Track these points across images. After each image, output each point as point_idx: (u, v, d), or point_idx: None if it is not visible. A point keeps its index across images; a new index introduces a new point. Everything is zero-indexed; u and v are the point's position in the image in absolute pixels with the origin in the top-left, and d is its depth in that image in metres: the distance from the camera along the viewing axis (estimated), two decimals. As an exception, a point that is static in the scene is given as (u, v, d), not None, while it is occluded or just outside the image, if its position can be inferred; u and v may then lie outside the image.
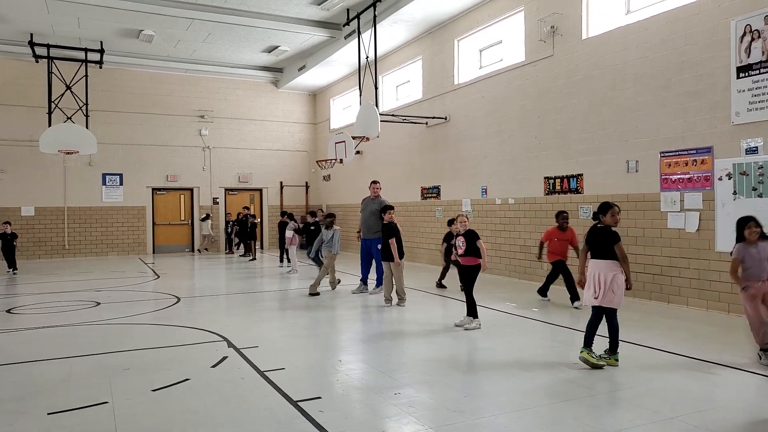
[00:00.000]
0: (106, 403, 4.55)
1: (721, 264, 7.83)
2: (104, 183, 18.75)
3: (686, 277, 8.34)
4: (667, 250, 8.63)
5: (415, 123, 14.27)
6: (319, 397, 4.63)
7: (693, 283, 8.29)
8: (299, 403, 4.48)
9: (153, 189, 19.56)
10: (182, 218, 20.02)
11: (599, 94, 9.72)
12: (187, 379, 5.15)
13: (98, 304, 9.40)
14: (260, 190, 21.11)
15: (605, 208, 5.52)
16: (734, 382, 4.90)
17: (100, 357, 6.00)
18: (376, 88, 13.42)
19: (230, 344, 6.47)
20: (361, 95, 13.99)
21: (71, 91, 16.41)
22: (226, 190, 20.56)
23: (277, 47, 16.90)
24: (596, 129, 9.79)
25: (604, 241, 5.46)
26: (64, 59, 16.48)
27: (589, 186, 9.95)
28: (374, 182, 10.59)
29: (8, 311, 8.86)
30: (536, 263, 11.06)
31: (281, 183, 21.08)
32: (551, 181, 10.75)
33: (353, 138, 13.42)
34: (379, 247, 9.30)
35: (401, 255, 8.81)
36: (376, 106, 12.95)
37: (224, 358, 5.88)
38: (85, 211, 18.43)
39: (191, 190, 20.10)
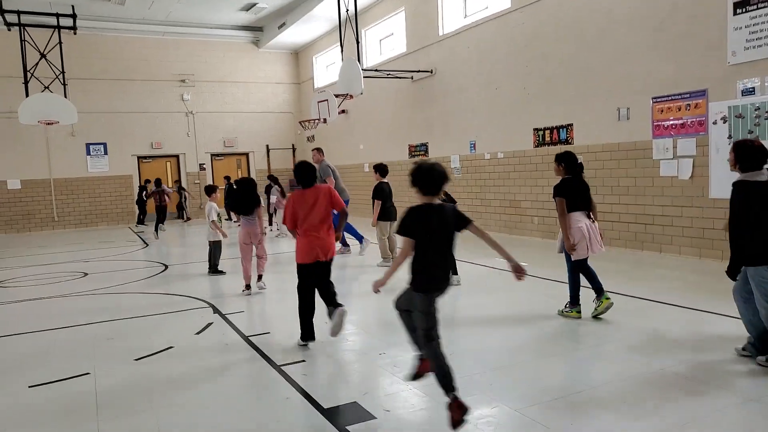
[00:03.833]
0: (87, 374, 4.44)
1: (715, 211, 7.71)
2: (89, 153, 18.35)
3: (679, 226, 8.23)
4: (659, 199, 8.49)
5: (400, 78, 13.89)
6: (303, 361, 4.53)
7: (686, 231, 8.18)
8: (283, 368, 4.38)
9: (138, 157, 19.20)
10: (170, 186, 19.68)
11: (588, 40, 9.39)
12: (170, 347, 5.04)
13: (86, 274, 9.26)
14: (246, 155, 20.74)
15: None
16: (726, 330, 4.83)
17: (84, 328, 5.88)
18: (357, 43, 13.00)
19: (216, 310, 6.36)
20: (342, 51, 13.55)
21: (46, 60, 15.82)
22: (212, 155, 20.19)
23: (255, 4, 16.29)
24: (586, 76, 9.50)
25: (586, 192, 5.25)
26: (36, 26, 15.82)
27: (579, 136, 9.73)
28: (313, 150, 10.34)
29: (-7, 285, 8.72)
30: (528, 219, 10.95)
31: (267, 146, 20.71)
32: (540, 132, 10.51)
33: (336, 96, 13.05)
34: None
35: (385, 217, 8.58)
36: (359, 61, 12.55)
37: (209, 324, 5.77)
38: (71, 182, 18.10)
39: (177, 156, 19.74)
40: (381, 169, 8.94)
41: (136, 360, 4.74)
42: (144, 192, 17.10)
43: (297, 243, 4.91)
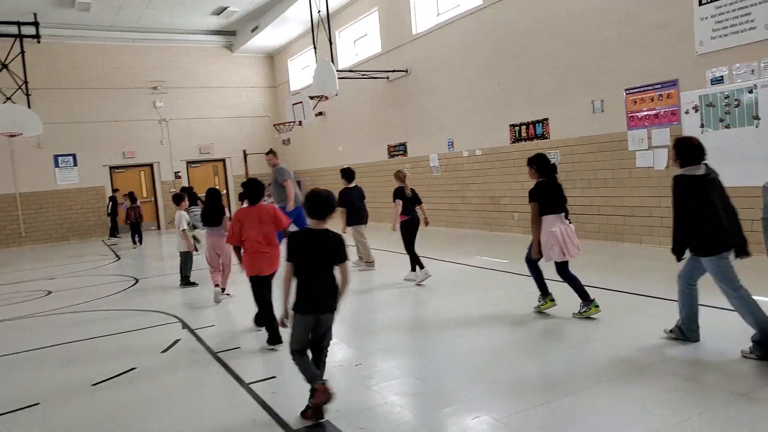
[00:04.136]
0: (37, 404, 4.14)
1: (692, 200, 7.62)
2: (57, 165, 17.84)
3: (658, 216, 8.14)
4: (637, 191, 8.40)
5: (376, 78, 13.68)
6: (274, 377, 4.29)
7: (665, 221, 8.07)
8: (252, 385, 4.14)
9: (111, 167, 18.72)
10: (144, 195, 19.24)
11: (560, 33, 9.28)
12: (133, 369, 4.76)
13: (49, 293, 8.88)
14: (223, 161, 20.39)
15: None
16: (710, 321, 4.69)
17: (42, 352, 5.56)
18: (330, 44, 12.77)
19: (185, 325, 6.08)
20: (316, 52, 13.31)
21: (8, 70, 15.33)
22: (188, 163, 19.80)
23: (226, 8, 15.97)
24: (559, 70, 9.39)
25: (560, 194, 5.13)
26: (-5, 35, 15.34)
27: (555, 130, 9.61)
28: (270, 152, 9.60)
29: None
30: (508, 215, 10.81)
31: (244, 152, 20.36)
32: (517, 128, 10.38)
33: (311, 98, 12.81)
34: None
35: (353, 222, 8.36)
36: (333, 62, 12.32)
37: (176, 341, 5.50)
38: (39, 196, 17.56)
39: (151, 165, 19.30)
40: (347, 174, 8.59)
41: (93, 385, 4.45)
42: (112, 203, 16.61)
43: (243, 258, 5.16)
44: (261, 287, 5.15)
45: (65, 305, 7.72)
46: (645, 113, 8.18)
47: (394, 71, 13.28)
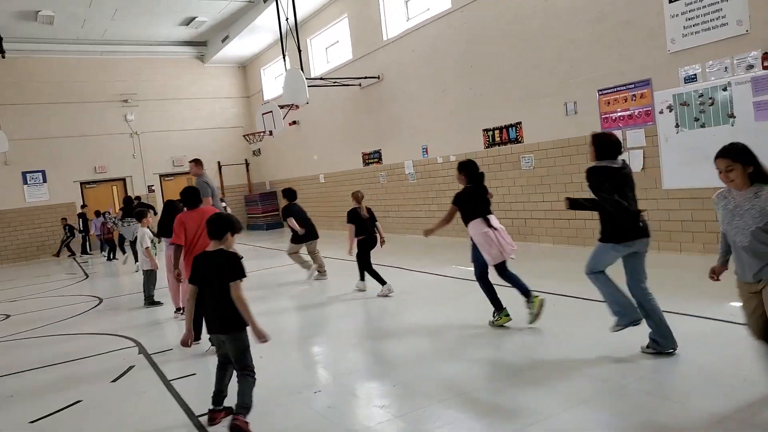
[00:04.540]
0: (-33, 447, 3.80)
1: (670, 202, 7.46)
2: (25, 182, 17.33)
3: (634, 220, 7.95)
4: (613, 193, 8.21)
5: (348, 85, 13.43)
6: (229, 409, 3.97)
7: (642, 224, 7.91)
8: (201, 418, 3.83)
9: (81, 183, 18.23)
10: (117, 210, 18.74)
11: (531, 35, 9.11)
12: (78, 401, 4.42)
13: (8, 317, 8.46)
14: (198, 173, 19.94)
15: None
16: (683, 331, 4.47)
17: (-12, 383, 5.19)
18: (299, 51, 12.51)
19: (141, 350, 5.74)
20: (285, 61, 13.04)
21: (-30, 86, 14.86)
22: (161, 176, 19.36)
23: (194, 18, 15.64)
24: (531, 72, 9.21)
25: (486, 198, 5.27)
26: (-44, 50, 14.86)
27: (529, 134, 9.43)
28: (193, 162, 8.50)
29: None
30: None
31: (219, 163, 19.97)
32: (490, 132, 10.18)
33: (282, 107, 12.52)
34: None
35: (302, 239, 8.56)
36: (302, 70, 12.07)
37: (130, 368, 5.16)
38: (6, 214, 17.02)
39: (123, 180, 18.84)
40: (289, 193, 8.79)
41: (31, 422, 4.10)
42: (82, 219, 16.25)
43: (184, 261, 5.28)
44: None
45: (20, 330, 7.32)
46: (619, 114, 8.03)
47: (366, 78, 13.05)
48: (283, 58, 13.02)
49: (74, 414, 4.21)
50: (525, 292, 5.08)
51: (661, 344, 3.99)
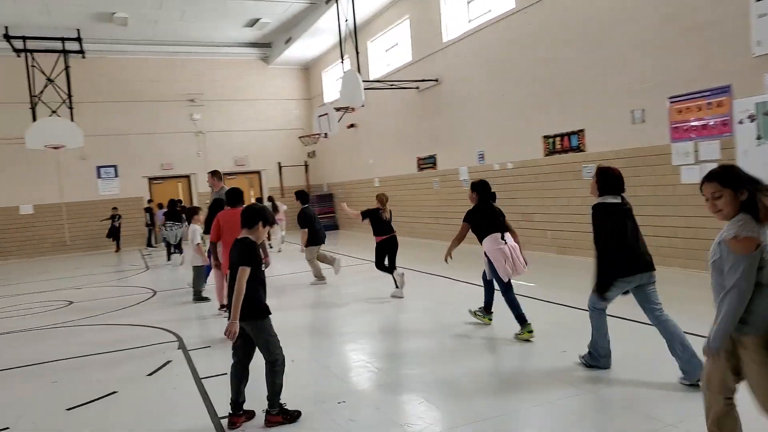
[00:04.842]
0: (6, 429, 3.89)
1: (744, 220, 6.84)
2: (99, 176, 18.26)
3: (704, 238, 7.35)
4: (682, 209, 7.63)
5: (405, 88, 13.29)
6: (251, 412, 3.89)
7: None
8: (223, 420, 3.76)
9: (149, 179, 19.02)
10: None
11: (597, 37, 8.64)
12: (114, 392, 4.47)
13: (70, 303, 8.84)
14: (258, 173, 20.40)
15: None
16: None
17: (33, 369, 5.37)
18: (357, 53, 12.47)
19: (181, 345, 5.79)
20: (342, 62, 13.05)
21: (54, 84, 15.76)
22: (223, 174, 19.82)
23: (258, 20, 15.98)
24: (596, 77, 8.74)
25: (498, 217, 5.42)
26: (43, 51, 15.79)
27: (592, 142, 8.94)
28: (210, 173, 8.46)
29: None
30: (540, 233, 10.15)
31: (279, 164, 20.32)
32: (551, 140, 9.74)
33: (338, 110, 12.53)
34: None
35: (314, 242, 8.75)
36: (359, 72, 12.03)
37: (167, 362, 5.20)
38: (82, 206, 17.98)
39: (188, 177, 19.50)
40: (302, 196, 9.17)
41: (67, 410, 4.18)
42: (148, 214, 16.94)
43: (222, 254, 5.99)
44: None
45: (77, 318, 7.61)
46: (692, 123, 7.45)
47: (423, 80, 12.86)
48: (341, 60, 13.04)
49: (107, 405, 4.25)
50: (521, 319, 5.15)
51: (686, 375, 3.80)
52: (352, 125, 16.92)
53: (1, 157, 16.84)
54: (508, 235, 5.31)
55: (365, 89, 14.28)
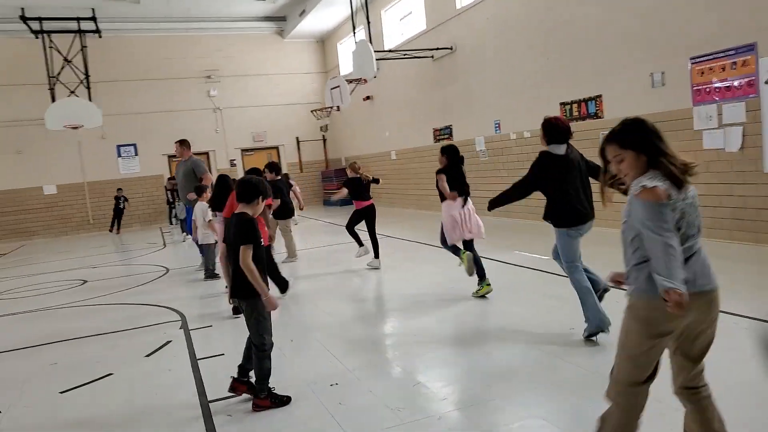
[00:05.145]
0: (-2, 412, 3.91)
1: (772, 187, 6.45)
2: (119, 155, 18.44)
3: (728, 207, 6.98)
4: (704, 176, 7.20)
5: (419, 57, 12.92)
6: (234, 396, 3.81)
7: (738, 213, 6.93)
8: (211, 404, 3.69)
9: (169, 156, 19.10)
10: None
11: (615, -3, 8.16)
12: (109, 374, 4.46)
13: (84, 282, 8.95)
14: (276, 148, 20.32)
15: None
16: None
17: (37, 349, 5.41)
18: (368, 23, 12.14)
19: (184, 324, 5.76)
20: (355, 33, 12.72)
21: (71, 65, 15.81)
22: (242, 150, 19.87)
23: (270, -8, 15.69)
24: (613, 38, 8.28)
25: (462, 180, 5.81)
26: (59, 32, 15.80)
27: (610, 108, 8.54)
28: (179, 143, 8.57)
29: (-10, 297, 8.55)
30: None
31: (297, 138, 20.20)
32: (568, 106, 9.35)
33: (350, 82, 12.26)
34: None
35: (284, 214, 8.52)
36: (371, 43, 11.70)
37: (167, 343, 5.17)
38: (104, 185, 18.20)
39: (207, 153, 19.54)
40: (275, 167, 8.50)
41: (61, 393, 4.17)
42: (169, 192, 17.06)
43: None
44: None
45: (89, 297, 7.69)
46: (715, 85, 7.01)
47: (437, 49, 12.46)
48: (353, 30, 12.73)
49: (100, 387, 4.23)
50: (481, 275, 5.67)
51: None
52: (368, 97, 16.64)
53: (24, 138, 17.08)
54: (470, 200, 5.77)
55: (379, 60, 13.97)
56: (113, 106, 17.37)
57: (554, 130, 4.27)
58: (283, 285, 6.48)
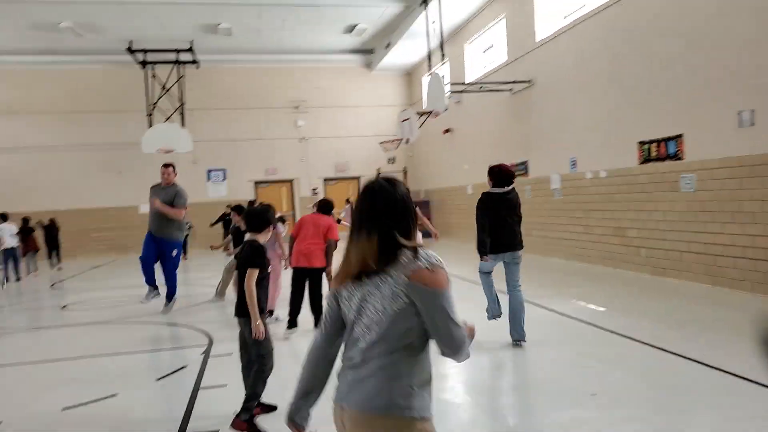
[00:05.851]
0: None
1: None
2: (209, 179, 19.45)
3: (830, 266, 5.93)
4: (801, 229, 6.23)
5: (498, 90, 12.53)
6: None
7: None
8: (185, 439, 3.54)
9: (255, 182, 19.92)
10: (284, 209, 20.10)
11: (701, 27, 7.39)
12: (113, 395, 4.46)
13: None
14: (358, 179, 20.54)
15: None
16: None
17: (65, 364, 5.58)
18: (443, 56, 11.98)
19: (207, 349, 5.73)
20: (430, 66, 12.60)
21: (169, 93, 17.04)
22: (325, 180, 20.29)
23: (355, 25, 16.02)
24: (698, 74, 7.48)
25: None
26: (160, 62, 17.14)
27: (691, 149, 7.67)
28: (165, 166, 8.15)
29: (63, 307, 9.11)
30: (634, 250, 8.95)
31: (378, 170, 20.26)
32: (646, 146, 8.54)
33: (420, 114, 12.11)
34: (174, 253, 7.95)
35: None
36: (449, 76, 11.51)
37: (181, 368, 5.14)
38: (193, 207, 19.15)
39: (290, 181, 20.15)
40: (242, 209, 7.88)
41: (63, 409, 4.21)
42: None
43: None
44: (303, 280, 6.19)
45: (140, 314, 7.94)
46: (817, 126, 6.06)
47: (515, 82, 12.03)
48: (428, 63, 12.62)
49: (100, 407, 4.23)
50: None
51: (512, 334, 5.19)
52: (447, 130, 16.42)
53: (124, 160, 18.52)
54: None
55: (458, 92, 13.76)
56: (205, 132, 18.45)
57: (497, 176, 5.24)
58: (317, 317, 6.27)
